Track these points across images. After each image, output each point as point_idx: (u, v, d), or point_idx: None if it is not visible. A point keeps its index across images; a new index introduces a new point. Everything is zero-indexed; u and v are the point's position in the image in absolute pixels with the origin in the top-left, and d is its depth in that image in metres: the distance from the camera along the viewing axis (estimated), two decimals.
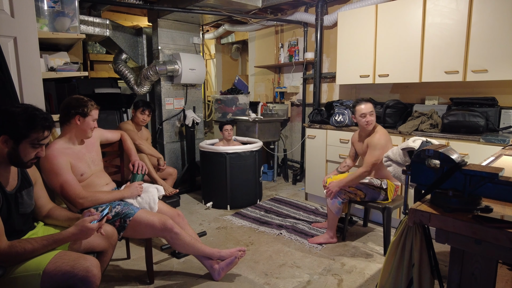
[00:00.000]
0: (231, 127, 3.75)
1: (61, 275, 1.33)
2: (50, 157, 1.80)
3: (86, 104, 1.93)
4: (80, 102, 1.92)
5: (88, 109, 1.93)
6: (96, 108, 1.99)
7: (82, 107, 1.91)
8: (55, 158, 1.81)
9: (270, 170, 4.63)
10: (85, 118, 1.92)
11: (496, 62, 2.48)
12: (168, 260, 2.46)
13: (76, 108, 1.90)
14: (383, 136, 2.52)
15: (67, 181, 1.81)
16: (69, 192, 1.82)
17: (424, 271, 1.24)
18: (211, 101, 6.01)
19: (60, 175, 1.80)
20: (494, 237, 0.93)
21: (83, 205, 1.85)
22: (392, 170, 1.74)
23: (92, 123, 1.97)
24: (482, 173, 1.02)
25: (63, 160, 1.83)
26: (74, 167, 1.89)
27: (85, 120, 1.93)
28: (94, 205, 1.91)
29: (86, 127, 1.94)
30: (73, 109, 1.90)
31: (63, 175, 1.81)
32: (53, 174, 1.80)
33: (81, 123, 1.92)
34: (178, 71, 4.02)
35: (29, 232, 1.54)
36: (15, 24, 1.95)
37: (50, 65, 2.42)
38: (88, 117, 1.93)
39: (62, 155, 1.84)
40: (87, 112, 1.92)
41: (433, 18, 2.75)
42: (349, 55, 3.36)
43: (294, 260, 2.44)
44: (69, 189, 1.81)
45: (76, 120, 1.91)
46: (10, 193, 1.42)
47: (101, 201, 1.94)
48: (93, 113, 1.96)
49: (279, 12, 4.37)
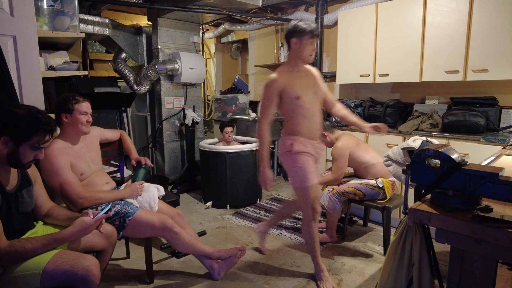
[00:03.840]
0: (231, 129, 3.74)
1: (61, 274, 1.33)
2: (50, 156, 1.80)
3: (68, 100, 1.91)
4: (63, 101, 1.92)
5: (71, 105, 1.90)
6: (83, 101, 1.95)
7: (64, 105, 1.91)
8: (54, 158, 1.81)
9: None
10: (71, 114, 1.91)
11: (496, 61, 2.48)
12: (167, 259, 2.46)
13: (60, 108, 1.91)
14: (338, 145, 2.63)
15: (67, 181, 1.81)
16: (70, 191, 1.81)
17: (424, 271, 1.24)
18: (211, 101, 6.01)
19: (60, 175, 1.80)
20: (494, 236, 0.93)
21: (83, 204, 1.85)
22: (392, 170, 1.74)
23: (82, 117, 1.92)
24: (482, 173, 1.02)
25: (63, 160, 1.83)
26: (74, 166, 1.89)
27: (72, 116, 1.91)
28: (94, 205, 1.90)
29: (76, 122, 1.91)
30: (58, 110, 1.91)
31: (63, 175, 1.81)
32: (53, 174, 1.80)
33: (69, 120, 1.91)
34: (178, 70, 4.02)
35: (28, 231, 1.54)
36: (14, 23, 1.95)
37: (50, 64, 2.42)
38: (74, 112, 1.90)
39: (62, 155, 1.84)
40: (71, 108, 1.90)
41: (434, 18, 2.75)
42: (349, 54, 3.35)
43: (294, 260, 2.44)
44: (69, 189, 1.81)
45: (64, 118, 1.91)
46: (10, 192, 1.41)
47: (102, 200, 1.94)
48: (77, 107, 1.91)
49: (279, 11, 4.36)
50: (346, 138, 2.68)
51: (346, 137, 2.70)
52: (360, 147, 2.66)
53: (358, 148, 2.65)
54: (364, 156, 2.64)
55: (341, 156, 2.61)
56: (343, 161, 2.61)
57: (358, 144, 2.67)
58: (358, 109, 3.31)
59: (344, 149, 2.61)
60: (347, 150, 2.62)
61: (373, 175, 2.62)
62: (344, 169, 2.64)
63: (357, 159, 2.65)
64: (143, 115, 4.68)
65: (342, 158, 2.61)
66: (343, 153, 2.61)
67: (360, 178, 2.72)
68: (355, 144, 2.66)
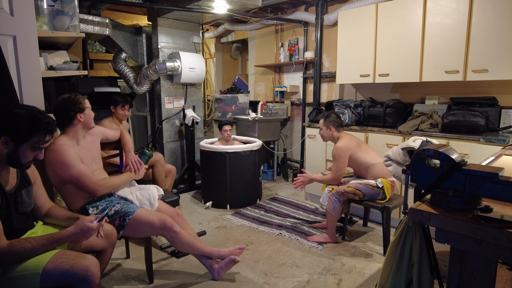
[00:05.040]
0: (230, 127, 3.74)
1: (61, 274, 1.33)
2: (60, 150, 1.82)
3: (78, 100, 1.95)
4: (73, 101, 1.93)
5: (83, 103, 1.96)
6: (84, 97, 2.01)
7: (77, 104, 1.93)
8: (65, 151, 1.83)
9: (270, 169, 4.63)
10: (84, 112, 1.96)
11: (496, 61, 2.48)
12: (167, 259, 2.46)
13: (73, 108, 1.92)
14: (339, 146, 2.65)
15: (82, 171, 1.85)
16: (87, 181, 1.86)
17: (424, 271, 1.24)
18: (211, 100, 6.01)
19: (74, 166, 1.83)
20: (493, 237, 0.93)
21: (102, 192, 1.93)
22: (392, 170, 1.74)
23: (92, 112, 2.02)
24: (482, 173, 1.02)
25: (72, 153, 1.86)
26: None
27: (85, 114, 1.97)
28: (111, 191, 2.00)
29: (89, 118, 2.00)
30: (71, 111, 1.91)
31: (77, 166, 1.84)
32: (65, 166, 1.81)
33: (83, 118, 1.96)
34: (178, 70, 4.02)
35: (28, 231, 1.54)
36: (14, 22, 1.94)
37: (50, 64, 2.42)
38: (86, 110, 1.97)
39: (71, 148, 1.87)
40: (83, 106, 1.95)
41: (434, 18, 2.75)
42: (349, 54, 3.35)
43: (293, 260, 2.44)
44: (86, 178, 1.85)
45: (79, 118, 1.94)
46: (9, 192, 1.41)
47: (117, 184, 2.03)
48: (87, 103, 2.00)
49: (279, 11, 4.36)
50: (347, 139, 2.68)
51: (347, 138, 2.70)
52: (360, 148, 2.66)
53: (358, 149, 2.65)
54: (364, 157, 2.65)
55: (341, 156, 2.61)
56: (343, 162, 2.62)
57: (358, 145, 2.67)
58: (358, 109, 3.31)
59: (344, 150, 2.62)
60: (348, 151, 2.62)
61: (373, 176, 2.63)
62: (343, 170, 2.64)
63: (357, 160, 2.66)
64: (143, 115, 4.68)
65: (342, 158, 2.61)
66: (343, 153, 2.61)
67: (360, 178, 2.73)
68: (356, 145, 2.66)
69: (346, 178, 2.82)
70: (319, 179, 2.76)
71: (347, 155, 2.62)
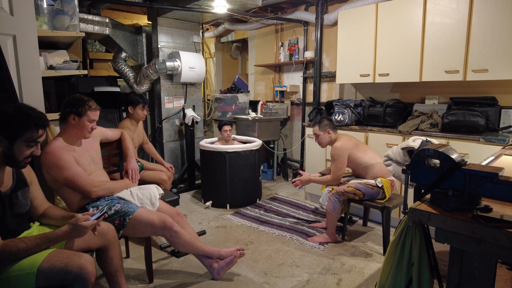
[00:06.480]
0: (230, 127, 3.74)
1: (55, 273, 1.32)
2: (54, 152, 1.80)
3: (83, 103, 1.89)
4: (78, 101, 1.89)
5: (84, 109, 1.88)
6: (96, 109, 1.93)
7: (77, 106, 1.87)
8: (59, 154, 1.81)
9: (269, 169, 4.63)
10: (80, 118, 1.88)
11: (496, 61, 2.48)
12: (167, 259, 2.46)
13: (72, 107, 1.88)
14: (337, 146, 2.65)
15: (77, 173, 1.83)
16: (82, 182, 1.84)
17: (424, 271, 1.24)
18: (210, 100, 6.00)
19: (68, 169, 1.81)
20: (493, 236, 0.93)
21: (97, 193, 1.90)
22: (392, 170, 1.74)
23: (88, 124, 1.91)
24: (482, 173, 1.02)
25: (67, 155, 1.84)
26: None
27: (80, 120, 1.89)
28: (106, 193, 1.96)
29: (82, 127, 1.90)
30: (68, 107, 1.88)
31: (71, 168, 1.82)
32: (60, 169, 1.80)
33: (76, 123, 1.89)
34: (178, 70, 4.02)
35: (23, 232, 1.53)
36: (14, 22, 1.95)
37: (50, 63, 2.41)
38: (83, 117, 1.89)
39: (65, 151, 1.86)
40: (82, 112, 1.88)
41: (434, 18, 2.75)
42: (349, 54, 3.35)
43: (293, 259, 2.44)
44: (81, 180, 1.84)
45: (71, 119, 1.88)
46: (4, 193, 1.41)
47: (113, 189, 2.01)
48: (89, 114, 1.90)
49: (279, 10, 4.36)
50: (345, 139, 2.69)
51: (345, 138, 2.70)
52: (359, 148, 2.66)
53: (357, 149, 2.65)
54: (363, 157, 2.65)
55: (340, 156, 2.62)
56: (342, 162, 2.62)
57: (357, 146, 2.67)
58: (358, 109, 3.31)
59: (343, 150, 2.62)
60: (346, 151, 2.63)
61: (372, 175, 2.63)
62: (343, 169, 2.65)
63: (355, 160, 2.66)
64: None
65: (341, 158, 2.62)
66: (342, 153, 2.62)
67: (359, 178, 2.73)
68: (354, 145, 2.66)
69: (345, 178, 2.82)
70: (318, 180, 2.76)
71: (346, 154, 2.63)
